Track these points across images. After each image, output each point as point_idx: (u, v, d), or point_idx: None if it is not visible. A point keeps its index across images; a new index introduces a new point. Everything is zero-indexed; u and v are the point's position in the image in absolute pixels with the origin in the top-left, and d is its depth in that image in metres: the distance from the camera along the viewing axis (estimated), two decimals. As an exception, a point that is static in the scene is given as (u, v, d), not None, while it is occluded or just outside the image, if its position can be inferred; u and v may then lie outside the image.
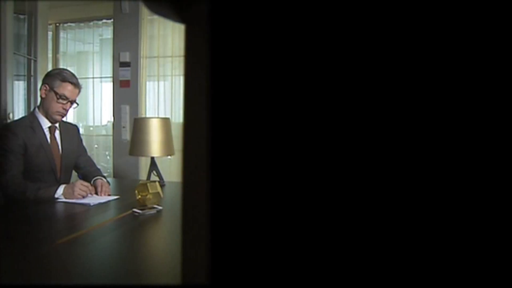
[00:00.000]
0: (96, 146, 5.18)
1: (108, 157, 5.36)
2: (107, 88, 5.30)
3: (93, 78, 5.19)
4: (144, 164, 4.37)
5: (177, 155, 3.83)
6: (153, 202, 2.09)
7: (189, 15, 0.42)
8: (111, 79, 4.93)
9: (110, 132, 5.27)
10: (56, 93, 2.43)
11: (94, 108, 5.16)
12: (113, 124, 4.51)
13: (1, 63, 3.56)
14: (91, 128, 5.22)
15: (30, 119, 2.48)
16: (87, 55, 5.55)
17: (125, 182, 3.48)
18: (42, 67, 4.10)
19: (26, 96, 4.40)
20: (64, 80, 2.46)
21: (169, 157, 4.05)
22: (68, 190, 2.27)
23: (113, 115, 4.49)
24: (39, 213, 2.10)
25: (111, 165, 4.81)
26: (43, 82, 2.50)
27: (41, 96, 2.50)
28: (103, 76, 5.33)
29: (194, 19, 0.41)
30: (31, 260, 1.42)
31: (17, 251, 1.51)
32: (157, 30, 4.35)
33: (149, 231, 1.88)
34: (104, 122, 5.41)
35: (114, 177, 4.24)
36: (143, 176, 4.34)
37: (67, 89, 2.45)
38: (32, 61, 4.19)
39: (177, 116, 4.37)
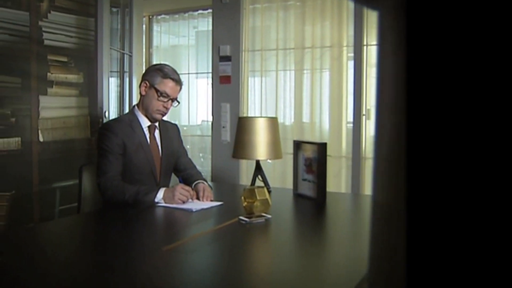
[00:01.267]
0: (188, 147, 5.43)
1: (202, 159, 5.59)
2: (203, 84, 5.53)
3: (188, 73, 5.45)
4: (245, 167, 4.52)
5: (285, 158, 3.89)
6: (261, 210, 2.16)
7: (384, 2, 0.43)
8: (208, 74, 5.15)
9: (206, 132, 5.50)
10: (156, 90, 2.60)
11: (189, 106, 5.41)
12: (212, 124, 4.69)
13: (97, 60, 3.89)
14: (185, 128, 5.48)
15: (129, 117, 2.68)
16: (182, 49, 5.83)
17: (227, 186, 3.62)
18: (137, 62, 4.40)
19: (118, 93, 4.74)
20: (165, 76, 2.62)
21: (269, 160, 4.14)
22: (168, 194, 2.43)
23: (212, 114, 4.67)
24: (140, 217, 2.27)
25: (206, 168, 5.01)
26: (143, 79, 2.68)
27: (140, 94, 2.69)
28: (198, 71, 5.58)
29: (390, 7, 0.42)
30: (137, 265, 1.55)
31: (121, 255, 1.65)
32: (259, 21, 4.46)
33: (258, 242, 1.95)
34: (199, 122, 5.65)
35: (212, 181, 4.42)
36: (244, 180, 4.48)
37: (168, 86, 2.61)
38: (127, 56, 4.50)
39: (283, 116, 4.45)
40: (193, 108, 5.50)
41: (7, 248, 1.64)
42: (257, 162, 2.98)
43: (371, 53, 4.01)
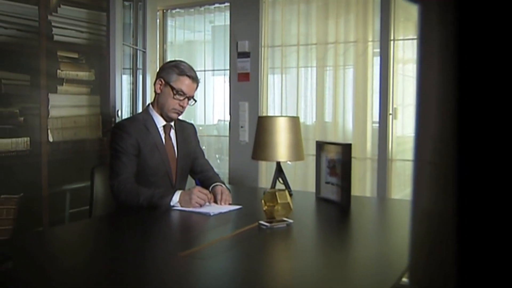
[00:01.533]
0: (204, 147, 5.45)
1: (218, 161, 5.60)
2: (220, 82, 5.54)
3: (204, 70, 5.45)
4: (264, 169, 4.53)
5: (307, 160, 3.88)
6: (282, 214, 2.16)
7: None
8: (225, 72, 5.15)
9: (222, 132, 5.50)
10: (172, 88, 2.62)
11: (205, 105, 5.42)
12: (229, 124, 4.72)
13: (110, 56, 3.93)
14: (201, 128, 5.49)
15: (143, 117, 2.70)
16: (197, 45, 5.85)
17: (245, 189, 3.63)
18: (151, 59, 4.43)
19: (131, 91, 4.77)
20: (181, 73, 2.64)
21: (288, 162, 4.14)
22: (185, 198, 2.44)
23: (230, 113, 4.69)
24: (155, 221, 2.28)
25: (223, 170, 5.02)
26: (158, 76, 2.70)
27: (155, 92, 2.71)
28: (215, 68, 5.58)
29: (435, 3, 0.42)
30: (152, 272, 1.55)
31: (135, 262, 1.66)
32: (280, 15, 4.47)
33: (279, 248, 1.95)
34: (215, 121, 5.66)
35: (229, 183, 4.44)
36: (263, 183, 4.49)
37: (184, 84, 2.63)
38: (140, 52, 4.54)
39: (304, 115, 4.45)
40: (210, 107, 5.50)
41: (15, 254, 1.66)
42: (278, 164, 2.99)
43: (398, 49, 3.98)
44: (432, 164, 0.43)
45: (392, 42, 3.96)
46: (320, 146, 2.85)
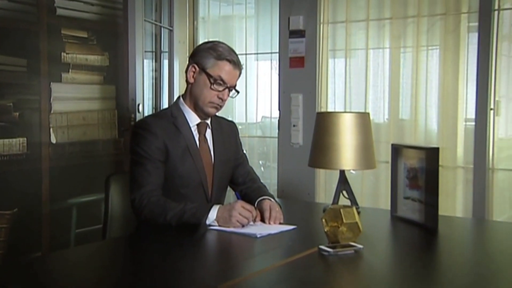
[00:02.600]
0: (245, 151, 5.44)
1: (262, 169, 5.59)
2: (265, 68, 5.54)
3: (245, 54, 5.47)
4: (322, 179, 4.52)
5: (378, 169, 3.85)
6: (349, 238, 2.16)
7: None
8: (272, 55, 5.16)
9: (268, 132, 5.51)
10: (209, 76, 2.65)
11: (246, 98, 5.42)
12: (278, 122, 4.70)
13: (128, 36, 3.97)
14: (241, 127, 5.50)
15: (172, 113, 2.74)
16: (237, 21, 5.87)
17: (300, 205, 3.64)
18: (179, 39, 4.46)
19: (154, 80, 4.81)
20: (220, 57, 2.66)
21: (352, 171, 4.12)
22: (224, 215, 2.46)
23: (278, 108, 4.68)
24: (186, 245, 2.31)
25: (269, 180, 5.01)
26: (191, 61, 2.73)
27: (187, 81, 2.74)
28: (259, 51, 5.59)
29: None
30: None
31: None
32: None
33: (345, 281, 1.95)
34: (259, 118, 5.66)
35: (278, 197, 4.45)
36: (321, 197, 4.48)
37: (224, 70, 2.65)
38: (165, 30, 4.59)
39: (375, 111, 4.42)
40: (252, 100, 5.51)
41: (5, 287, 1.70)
42: (342, 173, 2.98)
43: (504, 21, 3.91)
44: None
45: (496, 12, 3.91)
46: (397, 150, 2.84)
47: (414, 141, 4.18)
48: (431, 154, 2.58)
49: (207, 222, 2.46)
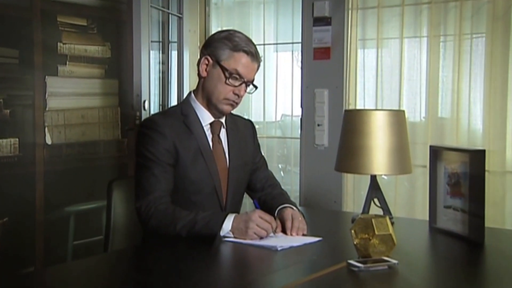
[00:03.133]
0: (263, 153, 5.44)
1: (282, 173, 5.59)
2: (285, 60, 5.55)
3: (263, 44, 5.48)
4: (351, 185, 4.52)
5: (415, 174, 3.84)
6: (382, 252, 2.16)
7: None
8: (293, 46, 5.16)
9: (289, 132, 5.52)
10: (224, 70, 2.65)
11: (264, 94, 5.43)
12: (301, 121, 4.70)
13: (133, 24, 3.98)
14: (258, 126, 5.52)
15: (183, 110, 2.75)
16: (253, 7, 5.88)
17: (325, 214, 3.65)
18: (190, 27, 4.45)
19: (162, 74, 4.81)
20: (236, 48, 2.67)
21: (384, 176, 4.12)
22: (239, 225, 2.46)
23: (301, 106, 4.69)
24: (198, 258, 2.32)
25: (290, 186, 5.01)
26: (203, 53, 2.74)
27: (199, 75, 2.75)
28: (278, 41, 5.60)
29: None
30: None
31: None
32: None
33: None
34: (278, 117, 5.66)
35: (301, 205, 4.44)
36: (349, 205, 4.49)
37: (241, 63, 2.66)
38: (174, 18, 4.60)
39: (410, 108, 4.41)
40: (270, 96, 5.51)
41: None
42: (373, 179, 2.99)
43: None
44: None
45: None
46: (436, 153, 2.83)
47: (456, 143, 4.17)
48: (476, 158, 2.57)
49: (221, 233, 2.46)
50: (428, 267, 2.42)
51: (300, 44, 4.75)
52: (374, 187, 3.00)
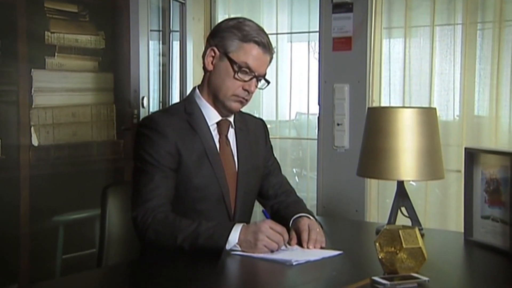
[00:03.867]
0: (276, 156, 5.46)
1: (297, 178, 5.60)
2: (301, 52, 5.56)
3: (276, 34, 5.50)
4: (375, 192, 4.53)
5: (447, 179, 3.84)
6: (410, 267, 2.16)
7: None
8: (310, 36, 5.18)
9: (304, 133, 5.53)
10: (233, 62, 2.65)
11: (276, 90, 5.45)
12: (318, 120, 4.71)
13: (130, 10, 3.99)
14: (270, 126, 5.53)
15: (186, 108, 2.76)
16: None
17: (346, 224, 3.65)
18: (194, 15, 4.46)
19: (162, 67, 4.83)
20: (246, 38, 2.67)
21: (412, 182, 4.11)
22: (247, 238, 2.45)
23: (318, 103, 4.70)
24: (202, 274, 2.32)
25: (305, 193, 5.02)
26: (209, 43, 2.75)
27: (205, 68, 2.76)
28: (293, 30, 5.61)
29: None
30: None
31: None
32: None
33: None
34: (292, 115, 5.67)
35: (319, 213, 4.46)
36: (372, 214, 4.50)
37: (251, 55, 2.66)
38: (176, 4, 4.62)
39: (442, 106, 4.42)
40: (284, 92, 5.53)
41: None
42: (400, 185, 2.99)
43: None
44: None
45: None
46: (472, 156, 2.83)
47: (495, 145, 4.17)
48: (517, 161, 2.57)
49: (228, 246, 2.44)
50: (463, 285, 2.42)
51: (317, 34, 4.76)
52: (401, 195, 3.00)
